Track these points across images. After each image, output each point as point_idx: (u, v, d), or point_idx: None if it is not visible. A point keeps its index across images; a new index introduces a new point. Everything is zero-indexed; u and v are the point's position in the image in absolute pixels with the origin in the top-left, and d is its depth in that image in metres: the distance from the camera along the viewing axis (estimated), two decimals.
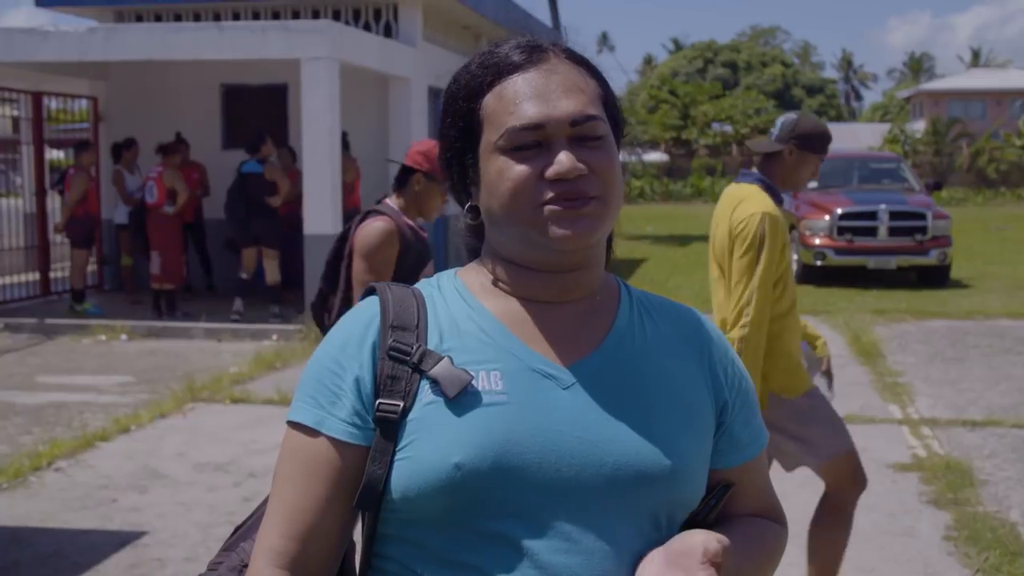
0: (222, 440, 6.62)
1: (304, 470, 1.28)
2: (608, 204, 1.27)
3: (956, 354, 9.42)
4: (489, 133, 1.28)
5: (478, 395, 1.24)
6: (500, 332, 1.29)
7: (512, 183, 1.25)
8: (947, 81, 57.73)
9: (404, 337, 1.28)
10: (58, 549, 4.77)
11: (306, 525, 1.27)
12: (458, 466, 1.20)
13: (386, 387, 1.26)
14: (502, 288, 1.33)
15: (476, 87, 1.30)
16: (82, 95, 13.50)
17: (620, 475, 1.25)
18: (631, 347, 1.33)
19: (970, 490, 5.54)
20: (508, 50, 1.31)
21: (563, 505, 1.23)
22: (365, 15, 13.14)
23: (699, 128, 39.79)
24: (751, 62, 70.88)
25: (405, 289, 1.34)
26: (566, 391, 1.27)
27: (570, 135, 1.26)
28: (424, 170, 3.93)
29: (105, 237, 13.09)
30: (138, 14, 13.57)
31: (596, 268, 1.34)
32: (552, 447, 1.24)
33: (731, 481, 1.37)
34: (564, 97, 1.27)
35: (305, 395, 1.30)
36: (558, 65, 1.30)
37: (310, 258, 10.59)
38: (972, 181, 36.01)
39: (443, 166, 1.37)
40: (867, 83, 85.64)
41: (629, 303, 1.38)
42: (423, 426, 1.24)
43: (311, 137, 10.54)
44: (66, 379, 8.66)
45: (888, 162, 17.16)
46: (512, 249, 1.31)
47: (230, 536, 1.44)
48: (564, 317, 1.32)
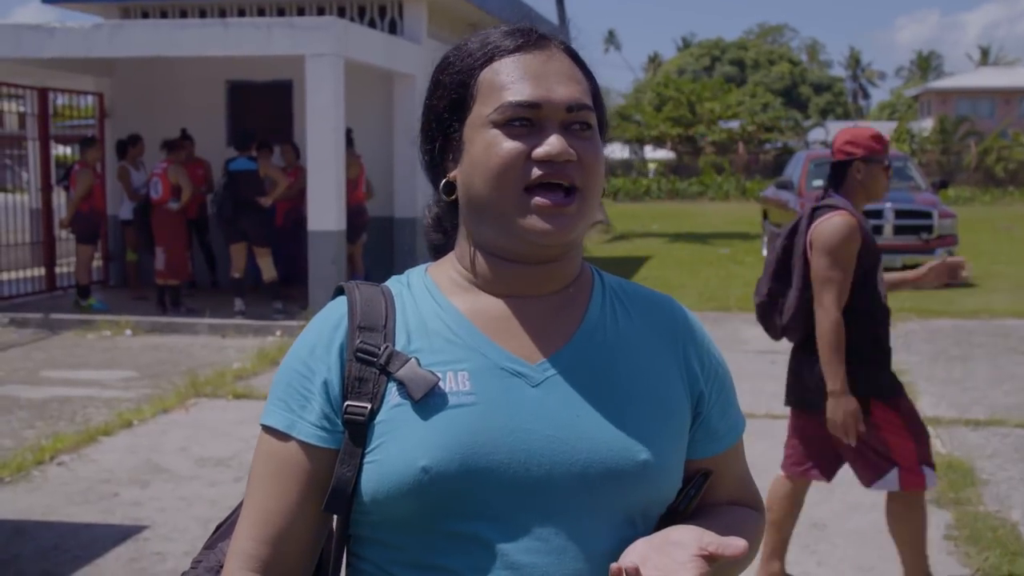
0: (224, 435, 6.63)
1: (275, 473, 1.27)
2: (587, 199, 1.27)
3: (961, 353, 9.40)
4: (481, 106, 1.27)
5: (445, 396, 1.23)
6: (468, 331, 1.28)
7: (500, 158, 1.24)
8: (955, 79, 57.59)
9: (371, 338, 1.27)
10: (59, 542, 4.78)
11: (278, 528, 1.27)
12: (425, 469, 1.20)
13: (354, 389, 1.25)
14: (473, 283, 1.32)
15: (474, 60, 1.30)
16: (88, 91, 13.53)
17: (591, 472, 1.24)
18: (603, 340, 1.31)
19: (971, 490, 5.53)
20: (509, 31, 1.31)
21: (534, 505, 1.22)
22: (370, 12, 13.15)
23: (706, 125, 39.72)
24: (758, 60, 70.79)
25: (374, 288, 1.33)
26: (536, 388, 1.26)
27: (563, 120, 1.26)
28: (859, 156, 3.89)
29: (110, 233, 13.13)
30: (144, 11, 13.60)
31: (573, 260, 1.33)
32: (521, 446, 1.22)
33: (709, 470, 1.36)
34: (562, 83, 1.27)
35: (276, 398, 1.29)
36: (557, 54, 1.31)
37: (314, 254, 10.61)
38: (980, 180, 35.92)
39: (423, 138, 1.35)
40: (875, 81, 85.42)
41: (602, 293, 1.36)
42: (390, 428, 1.23)
43: (315, 134, 10.55)
44: (70, 374, 8.68)
45: (894, 160, 17.07)
46: (487, 235, 1.29)
47: (211, 534, 1.44)
48: (536, 311, 1.30)
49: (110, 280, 13.47)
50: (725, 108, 39.90)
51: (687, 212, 29.31)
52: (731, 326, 10.76)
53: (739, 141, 39.75)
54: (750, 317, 11.22)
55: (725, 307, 12.02)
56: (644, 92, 50.44)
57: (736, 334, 10.26)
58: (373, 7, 13.15)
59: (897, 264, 13.89)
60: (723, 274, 15.32)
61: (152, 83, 13.17)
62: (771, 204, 17.03)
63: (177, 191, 10.99)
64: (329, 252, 10.59)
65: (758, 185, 34.09)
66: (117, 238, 13.12)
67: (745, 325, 10.81)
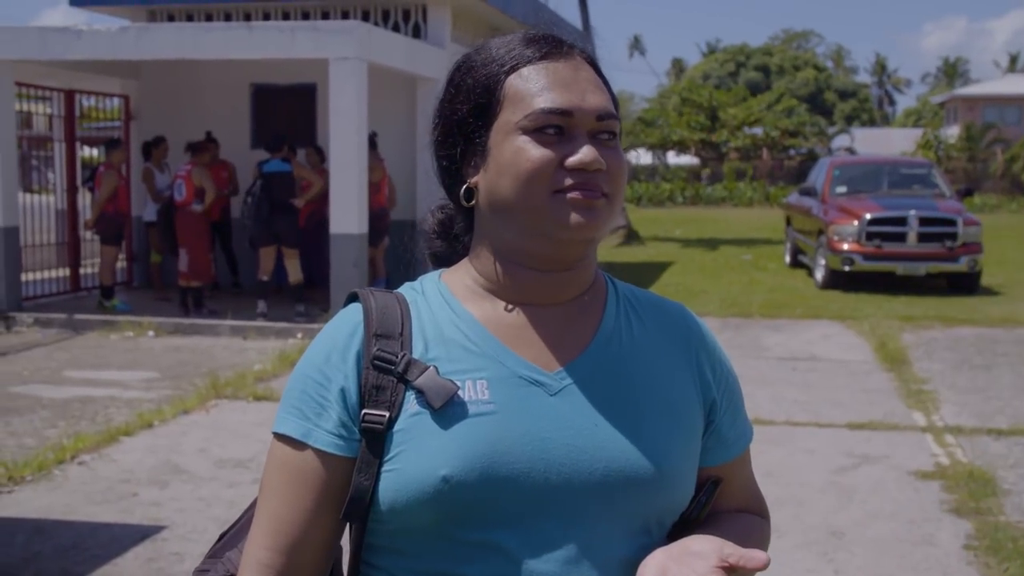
0: (243, 437, 6.66)
1: (291, 482, 1.26)
2: (614, 203, 1.27)
3: (984, 362, 9.33)
4: (509, 112, 1.26)
5: (464, 405, 1.22)
6: (486, 339, 1.27)
7: (531, 164, 1.23)
8: (982, 86, 57.12)
9: (388, 346, 1.26)
10: (79, 541, 4.82)
11: (293, 537, 1.26)
12: (446, 479, 1.19)
13: (371, 397, 1.24)
14: (489, 290, 1.31)
15: (499, 66, 1.29)
16: (114, 93, 13.64)
17: (610, 481, 1.24)
18: (618, 349, 1.31)
19: (992, 499, 5.48)
20: (534, 38, 1.31)
21: (553, 513, 1.22)
22: (394, 16, 13.19)
23: (729, 131, 39.58)
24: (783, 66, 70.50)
25: (388, 295, 1.31)
26: (554, 397, 1.25)
27: (592, 129, 1.26)
28: None
29: (134, 234, 13.22)
30: (170, 14, 13.69)
31: (588, 267, 1.33)
32: (541, 455, 1.22)
33: (719, 477, 1.36)
34: (591, 92, 1.27)
35: (290, 406, 1.28)
36: (582, 64, 1.31)
37: (336, 257, 10.64)
38: (1006, 188, 35.63)
39: (438, 143, 1.34)
40: (901, 88, 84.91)
41: (616, 301, 1.36)
42: (409, 437, 1.22)
43: (338, 137, 10.59)
44: (93, 374, 8.74)
45: (919, 167, 16.99)
46: (510, 240, 1.28)
47: (216, 542, 1.43)
48: (552, 319, 1.30)
49: (134, 281, 13.56)
50: (748, 114, 39.76)
51: (710, 218, 29.22)
52: (752, 333, 10.72)
53: (763, 147, 39.58)
54: (771, 324, 11.24)
55: (747, 313, 11.98)
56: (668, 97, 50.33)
57: (757, 341, 10.22)
58: (397, 11, 13.19)
59: (921, 272, 13.81)
60: (745, 280, 15.26)
61: (177, 85, 13.26)
62: (794, 210, 16.94)
63: (201, 193, 11.06)
64: (351, 255, 10.62)
65: (782, 191, 33.94)
66: (141, 239, 13.21)
67: (766, 332, 10.77)
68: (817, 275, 14.58)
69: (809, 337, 10.55)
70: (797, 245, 16.67)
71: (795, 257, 16.94)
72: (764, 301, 12.92)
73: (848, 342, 10.33)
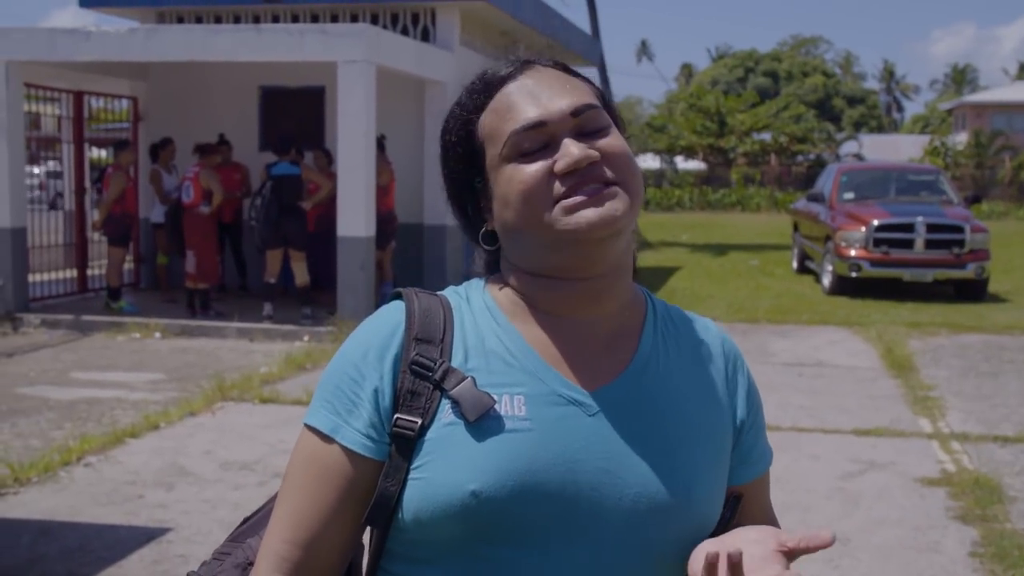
0: (249, 439, 6.67)
1: (315, 476, 1.25)
2: (628, 187, 1.23)
3: (991, 369, 9.30)
4: (492, 148, 1.26)
5: (500, 420, 1.20)
6: (527, 354, 1.25)
7: (523, 184, 1.22)
8: (991, 93, 57.05)
9: (428, 351, 1.24)
10: (84, 543, 4.82)
11: (312, 533, 1.25)
12: (475, 493, 1.17)
13: (405, 402, 1.22)
14: (530, 304, 1.29)
15: (470, 110, 1.29)
16: (123, 95, 13.67)
17: (640, 507, 1.22)
18: (655, 372, 1.29)
19: (999, 506, 5.47)
20: (493, 69, 1.31)
21: (580, 536, 1.20)
22: (403, 19, 13.21)
23: (737, 137, 39.56)
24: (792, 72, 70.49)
25: (433, 298, 1.29)
26: (591, 418, 1.24)
27: (573, 128, 1.24)
28: None
29: (142, 236, 13.25)
30: (179, 15, 13.73)
31: (624, 275, 1.30)
32: (573, 477, 1.20)
33: (741, 493, 1.35)
34: (558, 94, 1.26)
35: (323, 399, 1.27)
36: (545, 71, 1.29)
37: (343, 260, 10.65)
38: (1014, 195, 35.53)
39: (452, 204, 1.34)
40: (909, 94, 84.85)
41: (654, 321, 1.34)
42: (441, 447, 1.20)
43: (346, 139, 10.61)
44: (99, 375, 8.76)
45: (926, 174, 16.97)
46: (534, 259, 1.26)
47: (238, 526, 1.42)
48: (593, 336, 1.28)
49: (141, 283, 13.59)
50: (756, 120, 39.74)
51: (718, 223, 29.20)
52: (759, 338, 10.71)
53: (771, 153, 39.55)
54: (778, 329, 11.23)
55: (754, 319, 11.96)
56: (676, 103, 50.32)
57: (764, 346, 10.21)
58: (406, 14, 13.21)
59: (928, 278, 13.78)
60: (752, 286, 15.24)
61: (186, 87, 13.29)
62: (802, 216, 16.93)
63: (208, 195, 11.08)
64: (358, 258, 10.63)
65: (790, 197, 33.91)
66: (148, 241, 13.24)
67: (773, 337, 10.76)
68: (824, 281, 14.56)
69: (816, 343, 10.53)
70: (804, 251, 16.65)
71: (802, 263, 16.92)
72: (771, 306, 12.90)
73: (855, 348, 10.31)
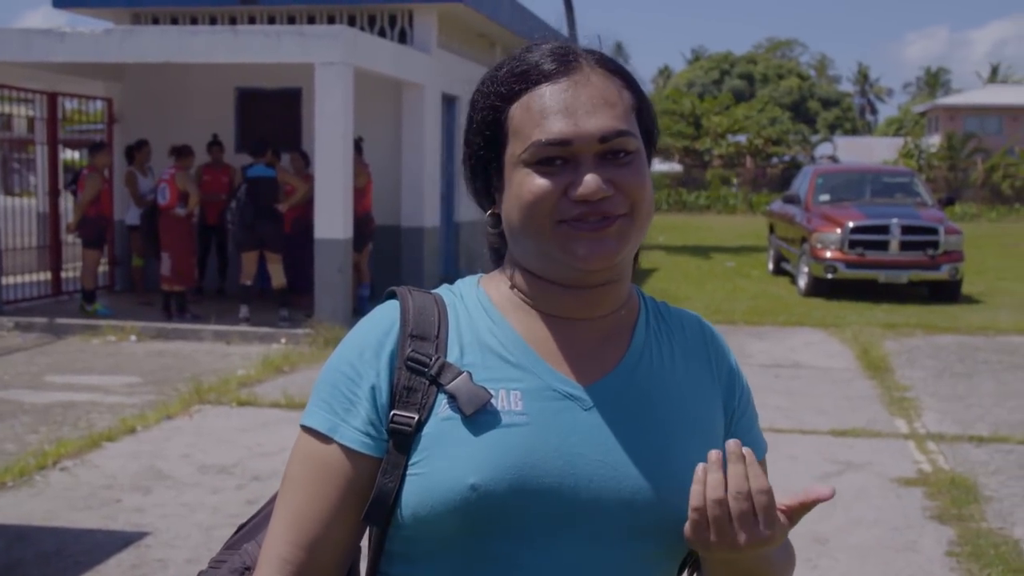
0: (227, 443, 6.63)
1: (315, 477, 1.25)
2: (635, 221, 1.24)
3: (965, 369, 9.38)
4: (514, 145, 1.24)
5: (497, 414, 1.21)
6: (522, 350, 1.26)
7: (533, 196, 1.21)
8: (963, 96, 57.57)
9: (423, 347, 1.24)
10: (61, 548, 4.79)
11: (315, 534, 1.24)
12: (474, 487, 1.17)
13: (402, 398, 1.23)
14: (525, 302, 1.30)
15: (503, 96, 1.26)
16: (97, 96, 13.58)
17: (638, 499, 1.22)
18: (649, 365, 1.30)
19: (974, 506, 5.52)
20: (539, 57, 1.26)
21: (579, 529, 1.21)
22: (380, 21, 13.19)
23: (712, 139, 39.76)
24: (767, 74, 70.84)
25: (427, 296, 1.30)
26: (587, 412, 1.24)
27: (599, 151, 1.22)
28: None
29: (117, 238, 13.16)
30: (155, 16, 13.66)
31: (623, 283, 1.31)
32: (571, 470, 1.21)
33: None
34: (594, 113, 1.22)
35: (320, 400, 1.27)
36: (590, 75, 1.25)
37: (320, 262, 10.62)
38: (986, 197, 35.88)
39: (466, 170, 1.33)
40: (883, 97, 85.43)
41: (646, 317, 1.35)
42: (438, 442, 1.21)
43: (324, 142, 10.58)
44: (74, 379, 8.69)
45: (901, 176, 17.11)
46: (533, 263, 1.27)
47: (233, 534, 1.42)
48: (587, 333, 1.29)
49: (116, 285, 13.50)
50: (732, 122, 39.96)
51: (694, 225, 29.31)
52: (736, 340, 10.75)
53: (746, 155, 39.77)
54: (755, 331, 11.28)
55: (731, 320, 12.01)
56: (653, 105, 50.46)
57: (741, 348, 10.25)
58: (384, 16, 13.19)
59: (903, 280, 13.89)
60: (729, 287, 15.31)
61: (162, 89, 13.22)
62: (777, 218, 17.02)
63: (184, 197, 11.02)
64: (336, 260, 10.60)
65: (765, 199, 34.10)
66: (123, 243, 13.16)
67: (750, 339, 10.81)
68: (800, 282, 14.64)
69: (792, 344, 10.59)
70: (780, 252, 16.74)
71: (778, 264, 17.01)
72: (747, 308, 12.96)
73: (831, 349, 10.37)
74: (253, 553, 1.35)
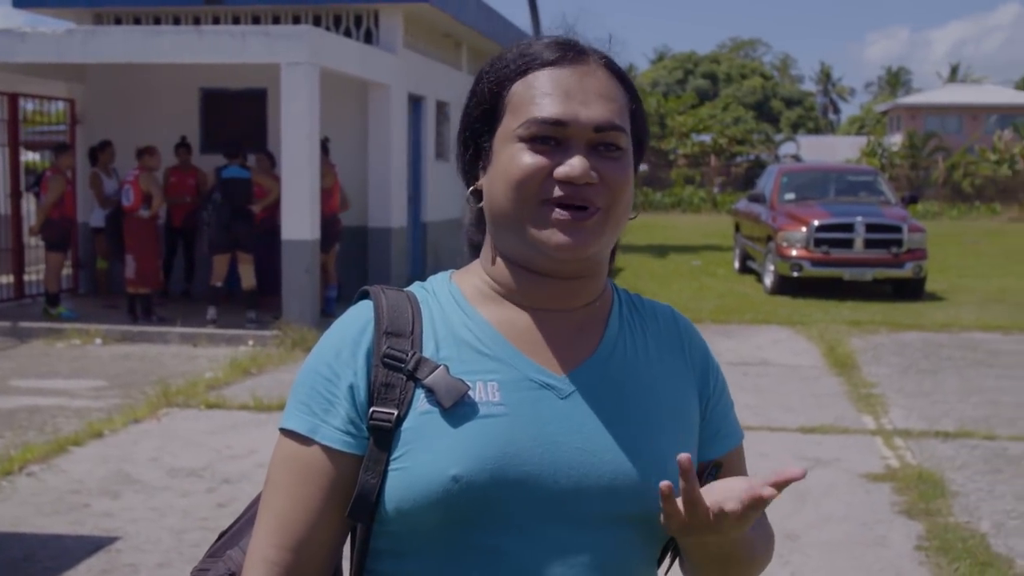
0: (196, 445, 6.58)
1: (297, 479, 1.25)
2: (611, 217, 1.26)
3: (930, 366, 9.49)
4: (510, 120, 1.26)
5: (475, 406, 1.22)
6: (497, 341, 1.27)
7: (521, 172, 1.23)
8: (924, 95, 58.23)
9: (399, 344, 1.25)
10: (29, 554, 4.73)
11: (300, 535, 1.25)
12: (456, 479, 1.19)
13: (380, 395, 1.23)
14: (500, 293, 1.31)
15: (508, 72, 1.28)
16: (59, 97, 13.42)
17: (618, 485, 1.24)
18: (623, 355, 1.32)
19: (942, 501, 5.58)
20: (548, 43, 1.29)
21: (561, 517, 1.22)
22: (346, 21, 13.14)
23: (677, 138, 39.96)
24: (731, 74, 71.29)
25: (399, 293, 1.31)
26: (564, 401, 1.26)
27: (591, 140, 1.24)
28: None
29: (80, 240, 13.02)
30: (117, 16, 13.52)
31: (599, 277, 1.33)
32: (551, 458, 1.22)
33: (720, 461, 1.37)
34: (594, 102, 1.25)
35: (298, 402, 1.27)
36: (596, 70, 1.28)
37: (288, 263, 10.56)
38: (947, 195, 36.29)
39: (459, 146, 1.35)
40: (845, 96, 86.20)
41: (620, 308, 1.37)
42: (418, 436, 1.22)
43: (290, 142, 10.52)
44: (39, 383, 8.59)
45: (865, 175, 17.27)
46: (510, 246, 1.28)
47: (215, 542, 1.41)
48: (562, 324, 1.30)
49: (80, 288, 13.34)
50: (696, 121, 40.18)
51: (659, 224, 29.40)
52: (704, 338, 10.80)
53: (711, 154, 40.00)
54: (722, 329, 11.34)
55: (698, 319, 12.06)
56: None
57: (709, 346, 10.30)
58: (349, 16, 13.14)
59: (867, 277, 14.03)
60: (695, 286, 15.39)
61: (125, 90, 13.09)
62: (743, 217, 17.13)
63: (148, 199, 10.92)
64: (303, 261, 10.55)
65: (730, 198, 34.30)
66: (87, 245, 13.01)
67: (718, 337, 10.86)
68: (766, 281, 14.74)
69: (759, 342, 10.66)
70: (746, 251, 16.85)
71: (744, 263, 17.12)
72: (714, 307, 13.04)
73: (798, 347, 10.45)
74: (237, 559, 1.35)
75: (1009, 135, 40.63)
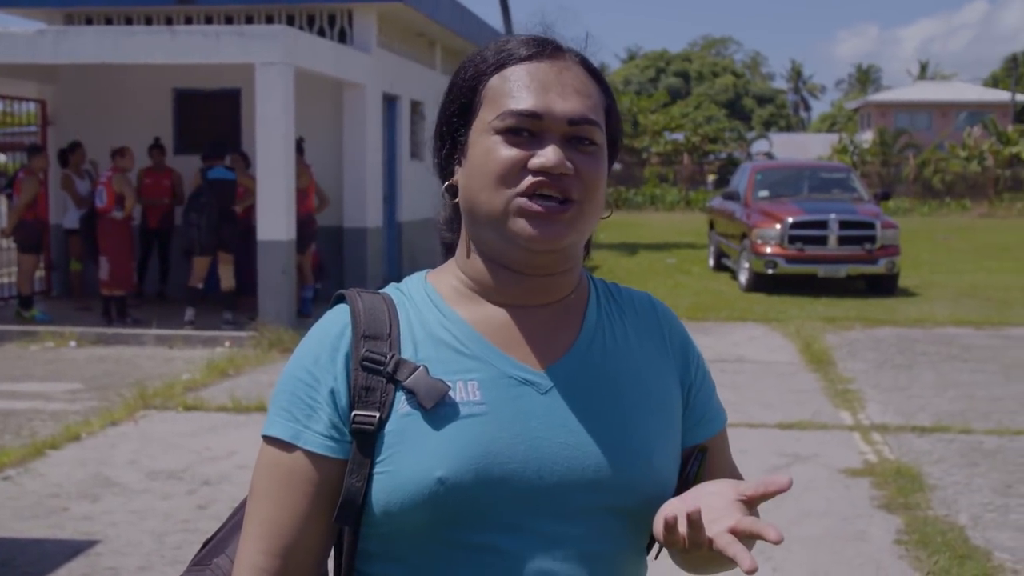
0: (175, 448, 6.54)
1: (282, 485, 1.25)
2: (585, 211, 1.26)
3: (905, 361, 9.57)
4: (486, 112, 1.27)
5: (456, 406, 1.23)
6: (475, 340, 1.28)
7: (496, 163, 1.23)
8: (894, 93, 58.70)
9: (377, 347, 1.25)
10: (8, 559, 4.69)
11: (288, 540, 1.25)
12: (441, 480, 1.19)
13: (361, 398, 1.24)
14: (475, 291, 1.31)
15: (485, 66, 1.29)
16: (30, 98, 13.30)
17: (603, 477, 1.25)
18: (602, 345, 1.32)
19: (920, 495, 5.63)
20: (525, 40, 1.30)
21: (548, 511, 1.23)
22: (320, 21, 13.09)
23: (650, 137, 40.08)
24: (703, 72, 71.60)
25: (375, 296, 1.31)
26: (544, 396, 1.26)
27: (565, 133, 1.25)
28: None
29: (53, 242, 12.90)
30: (88, 17, 13.41)
31: (573, 272, 1.34)
32: (535, 454, 1.23)
33: (705, 446, 1.38)
34: (568, 96, 1.26)
35: (280, 409, 1.27)
36: (572, 66, 1.29)
37: (264, 264, 10.52)
38: (918, 191, 36.59)
39: (435, 141, 1.35)
40: (816, 94, 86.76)
41: (597, 298, 1.37)
42: (401, 438, 1.22)
43: (265, 143, 10.47)
44: (14, 386, 8.51)
45: (838, 172, 17.38)
46: (486, 240, 1.28)
47: (200, 550, 1.40)
48: (539, 319, 1.31)
49: (53, 290, 13.22)
50: (669, 120, 40.32)
51: (633, 222, 29.48)
52: None
53: (684, 152, 40.15)
54: (699, 326, 11.39)
55: None
56: None
57: None
58: (323, 16, 13.10)
59: (841, 274, 14.12)
60: (671, 284, 15.44)
61: (97, 90, 12.99)
62: (717, 214, 17.21)
63: (121, 200, 10.84)
64: (279, 262, 10.50)
65: (703, 196, 34.44)
66: (60, 247, 12.90)
67: (694, 334, 10.77)
68: (741, 278, 14.81)
69: (736, 339, 10.72)
70: (721, 249, 16.92)
71: (719, 260, 17.19)
72: (690, 304, 13.08)
73: (774, 344, 10.51)
74: (224, 567, 1.34)
75: (979, 132, 41.00)
